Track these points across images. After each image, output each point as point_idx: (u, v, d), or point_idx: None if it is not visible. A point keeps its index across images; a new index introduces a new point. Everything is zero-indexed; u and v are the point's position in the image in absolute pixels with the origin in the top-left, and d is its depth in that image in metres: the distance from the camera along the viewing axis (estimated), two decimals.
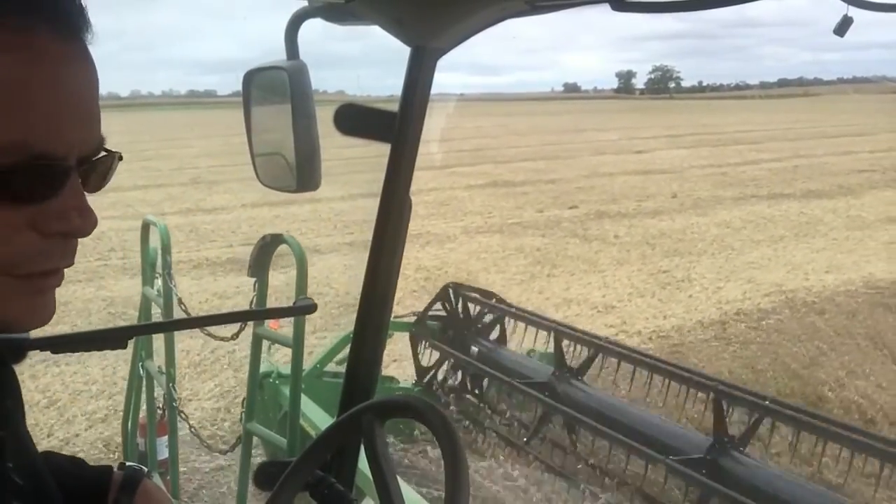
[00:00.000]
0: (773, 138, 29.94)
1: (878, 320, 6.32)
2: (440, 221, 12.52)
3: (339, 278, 8.53)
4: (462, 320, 4.62)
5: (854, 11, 0.85)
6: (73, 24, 0.61)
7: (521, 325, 4.47)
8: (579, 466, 3.67)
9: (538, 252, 9.96)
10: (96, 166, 0.65)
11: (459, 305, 4.62)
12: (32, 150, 0.57)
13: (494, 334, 4.64)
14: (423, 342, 4.60)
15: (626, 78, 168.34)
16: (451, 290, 4.65)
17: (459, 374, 4.61)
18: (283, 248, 2.93)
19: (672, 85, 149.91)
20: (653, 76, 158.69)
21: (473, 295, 4.72)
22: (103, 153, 0.66)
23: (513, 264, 9.22)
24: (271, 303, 3.41)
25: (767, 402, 3.22)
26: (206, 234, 11.48)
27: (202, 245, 10.79)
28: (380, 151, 1.30)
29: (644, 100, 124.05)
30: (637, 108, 77.23)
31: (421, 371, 4.64)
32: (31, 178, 0.58)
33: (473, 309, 4.67)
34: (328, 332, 6.11)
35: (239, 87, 1.28)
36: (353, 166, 18.65)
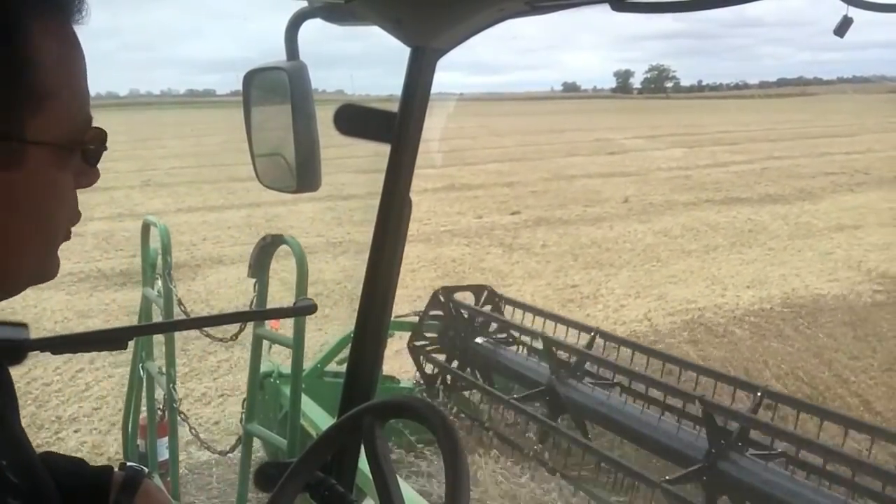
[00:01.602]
0: (754, 139, 29.19)
1: (760, 352, 5.62)
2: (371, 229, 11.91)
3: (225, 293, 7.95)
4: (461, 319, 4.56)
5: (854, 11, 0.84)
6: (80, 8, 0.69)
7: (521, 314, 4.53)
8: (578, 466, 3.63)
9: (452, 264, 9.24)
10: None
11: (452, 308, 4.57)
12: (91, 120, 0.69)
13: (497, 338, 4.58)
14: (422, 357, 4.57)
15: (624, 77, 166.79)
16: (440, 296, 4.58)
17: (456, 372, 4.55)
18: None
19: (669, 84, 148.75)
20: (649, 76, 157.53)
21: (465, 295, 4.71)
22: None
23: (419, 278, 8.48)
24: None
25: (760, 393, 3.25)
26: (118, 243, 10.82)
27: (106, 255, 9.98)
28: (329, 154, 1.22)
29: (641, 99, 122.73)
30: (631, 108, 76.38)
31: (419, 365, 4.61)
32: (95, 147, 0.70)
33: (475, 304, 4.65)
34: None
35: (238, 86, 1.26)
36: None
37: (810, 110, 56.00)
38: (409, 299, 7.04)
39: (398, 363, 4.83)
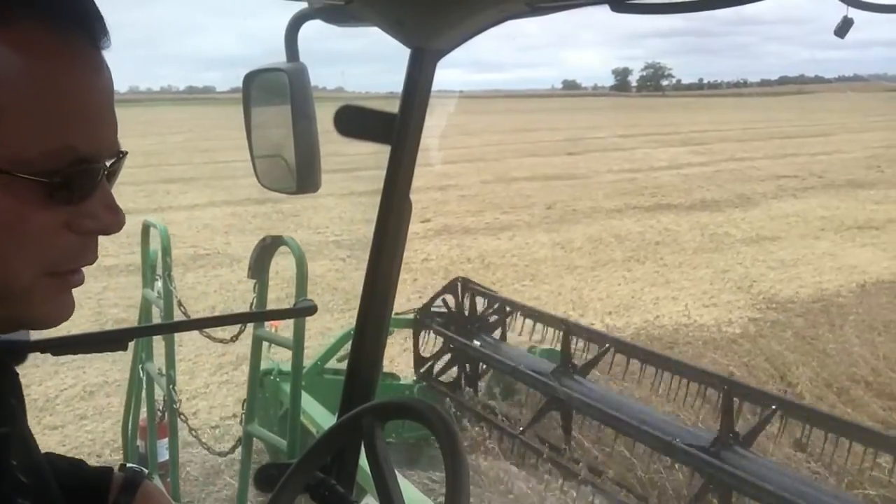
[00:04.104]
0: (726, 139, 28.10)
1: None
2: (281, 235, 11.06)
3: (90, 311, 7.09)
4: (465, 317, 4.51)
5: (855, 11, 0.83)
6: (101, 32, 0.62)
7: (528, 322, 4.42)
8: (578, 463, 3.53)
9: (317, 279, 8.39)
10: (117, 167, 0.66)
11: (466, 300, 4.53)
12: (77, 154, 0.59)
13: (497, 333, 4.54)
14: (426, 332, 4.49)
15: (622, 75, 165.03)
16: (459, 285, 4.55)
17: (457, 369, 4.52)
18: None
19: (665, 83, 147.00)
20: (644, 73, 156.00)
21: (481, 290, 4.64)
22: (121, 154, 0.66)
23: (271, 296, 7.69)
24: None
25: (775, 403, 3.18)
26: None
27: None
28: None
29: (638, 97, 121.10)
30: (625, 105, 75.14)
31: (419, 361, 4.53)
32: (74, 181, 0.59)
33: (482, 303, 4.58)
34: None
35: (239, 83, 1.24)
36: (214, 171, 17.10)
37: (800, 109, 54.78)
38: None
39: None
